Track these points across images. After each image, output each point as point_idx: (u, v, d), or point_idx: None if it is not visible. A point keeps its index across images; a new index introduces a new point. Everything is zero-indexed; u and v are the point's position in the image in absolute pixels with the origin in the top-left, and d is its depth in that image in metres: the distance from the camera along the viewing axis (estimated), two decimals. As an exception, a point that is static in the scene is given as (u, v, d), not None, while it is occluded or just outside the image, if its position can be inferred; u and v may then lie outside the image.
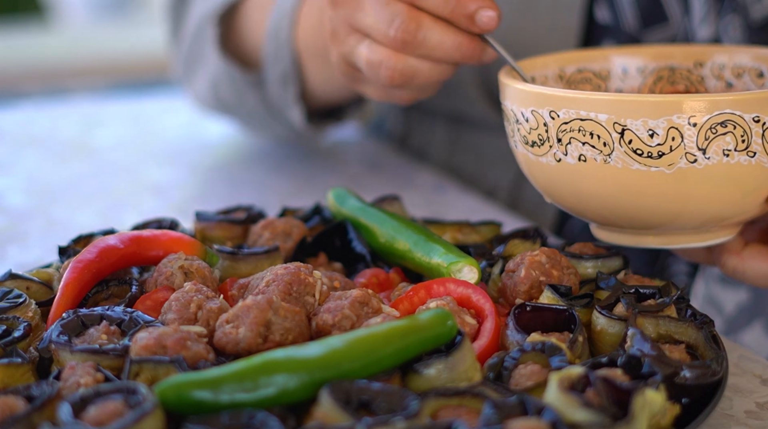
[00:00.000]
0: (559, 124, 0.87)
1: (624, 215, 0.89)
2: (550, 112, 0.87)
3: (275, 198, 1.30)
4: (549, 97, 0.87)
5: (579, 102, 0.85)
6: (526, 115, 0.89)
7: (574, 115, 0.85)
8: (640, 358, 0.76)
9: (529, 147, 0.90)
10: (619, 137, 0.84)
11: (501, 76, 0.93)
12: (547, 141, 0.88)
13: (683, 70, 1.03)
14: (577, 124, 0.86)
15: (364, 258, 0.96)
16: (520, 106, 0.90)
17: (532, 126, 0.89)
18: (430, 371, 0.76)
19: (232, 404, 0.70)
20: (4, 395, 0.72)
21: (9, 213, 1.31)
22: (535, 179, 0.93)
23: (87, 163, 1.51)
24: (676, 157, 0.84)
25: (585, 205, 0.90)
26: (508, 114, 0.92)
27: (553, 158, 0.88)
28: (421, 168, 1.43)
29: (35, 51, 3.68)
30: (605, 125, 0.84)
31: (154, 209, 1.30)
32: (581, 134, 0.86)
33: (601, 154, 0.85)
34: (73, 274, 0.87)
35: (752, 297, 1.20)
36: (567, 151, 0.87)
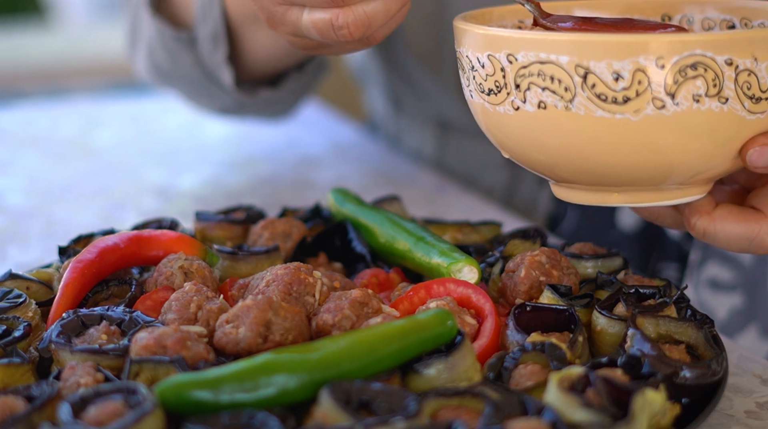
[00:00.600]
0: (517, 68, 0.80)
1: (586, 169, 0.83)
2: (507, 56, 0.80)
3: (275, 198, 1.30)
4: (506, 39, 0.81)
5: (538, 43, 0.79)
6: (482, 60, 0.83)
7: (533, 57, 0.79)
8: (640, 358, 0.76)
9: (485, 95, 0.84)
10: (581, 81, 0.78)
11: (455, 21, 0.87)
12: (504, 88, 0.82)
13: None
14: (537, 67, 0.79)
15: (364, 258, 0.96)
16: (475, 50, 0.83)
17: (488, 72, 0.82)
18: (430, 371, 0.76)
19: (232, 404, 0.70)
20: (4, 395, 0.72)
21: (9, 213, 1.31)
22: (492, 131, 0.87)
23: (87, 163, 1.51)
24: (643, 102, 0.78)
25: (544, 158, 0.84)
26: (462, 61, 0.86)
27: (511, 106, 0.82)
28: (421, 168, 1.43)
29: (35, 51, 3.68)
30: (566, 68, 0.78)
31: (154, 209, 1.30)
32: (540, 79, 0.79)
33: (562, 100, 0.79)
34: (73, 274, 0.87)
35: (745, 301, 1.20)
36: (525, 98, 0.81)
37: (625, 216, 1.25)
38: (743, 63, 0.78)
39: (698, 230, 0.87)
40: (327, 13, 0.90)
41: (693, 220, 0.87)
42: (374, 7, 0.90)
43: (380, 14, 0.90)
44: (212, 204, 1.17)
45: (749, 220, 0.86)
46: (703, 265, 1.20)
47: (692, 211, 0.87)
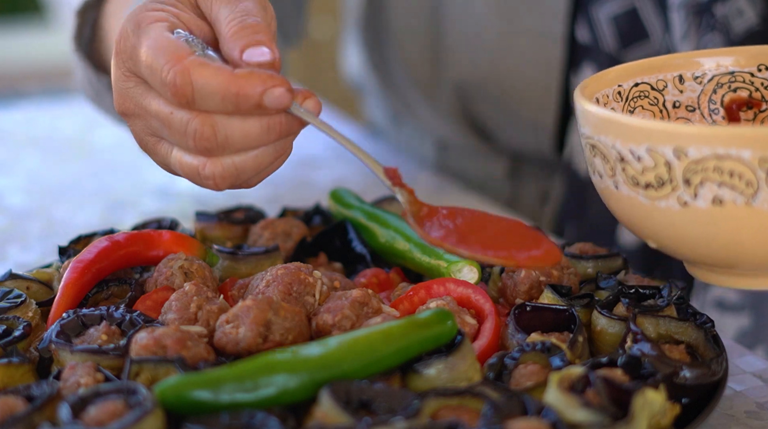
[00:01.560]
0: (687, 163, 0.75)
1: (759, 259, 0.79)
2: (674, 151, 0.75)
3: (275, 198, 1.30)
4: (673, 134, 0.75)
5: (713, 138, 0.73)
6: (638, 152, 0.76)
7: (709, 152, 0.74)
8: (640, 358, 0.76)
9: (640, 189, 0.78)
10: (766, 176, 0.73)
11: (580, 100, 0.81)
12: (669, 183, 0.76)
13: (745, 74, 0.92)
14: (713, 163, 0.74)
15: (364, 258, 0.96)
16: (627, 142, 0.77)
17: (647, 166, 0.76)
18: (430, 371, 0.76)
19: (232, 404, 0.70)
20: (4, 395, 0.72)
21: (9, 213, 1.31)
22: (642, 224, 0.81)
23: (87, 163, 1.51)
24: None
25: (713, 251, 0.79)
26: (605, 151, 0.80)
27: (677, 202, 0.76)
28: (421, 168, 1.43)
29: (35, 51, 3.68)
30: (749, 163, 0.73)
31: (154, 209, 1.30)
32: (717, 174, 0.74)
33: (743, 195, 0.74)
34: (73, 274, 0.87)
35: (753, 322, 1.20)
36: (697, 194, 0.75)
37: (626, 234, 1.25)
38: None
39: None
40: (195, 159, 0.84)
41: None
42: (244, 160, 0.84)
43: (250, 167, 0.84)
44: (212, 204, 1.17)
45: None
46: (710, 286, 1.19)
47: None
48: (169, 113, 0.82)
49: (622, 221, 0.84)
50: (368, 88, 1.58)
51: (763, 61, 0.92)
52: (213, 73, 0.80)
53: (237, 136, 0.82)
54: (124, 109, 0.86)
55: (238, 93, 0.79)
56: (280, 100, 0.80)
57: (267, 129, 0.82)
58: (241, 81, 0.79)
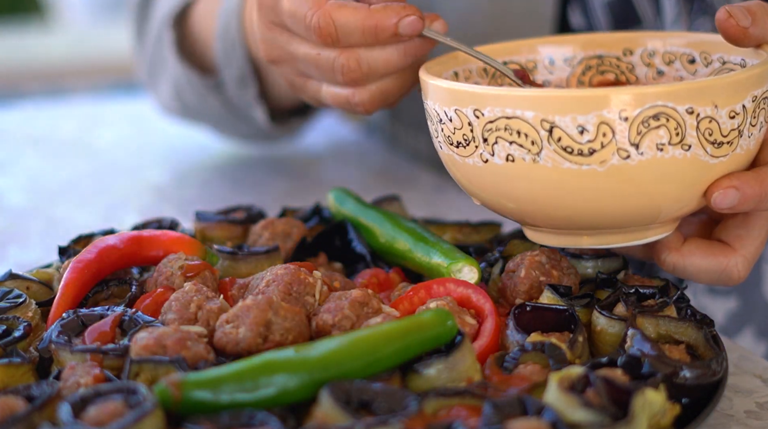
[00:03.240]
0: (484, 123, 0.82)
1: (556, 216, 0.85)
2: (474, 111, 0.82)
3: (275, 198, 1.30)
4: (472, 95, 0.82)
5: (504, 99, 0.80)
6: (450, 114, 0.84)
7: (500, 113, 0.81)
8: (640, 358, 0.76)
9: (454, 148, 0.85)
10: (547, 135, 0.80)
11: (421, 73, 0.89)
12: (472, 141, 0.83)
13: (612, 58, 0.99)
14: (503, 122, 0.81)
15: (364, 258, 0.96)
16: (442, 104, 0.85)
17: (456, 126, 0.84)
18: (430, 371, 0.76)
19: (232, 404, 0.70)
20: (4, 395, 0.72)
21: (9, 213, 1.31)
22: (462, 181, 0.88)
23: (87, 163, 1.51)
24: (608, 153, 0.79)
25: (515, 207, 0.86)
26: (430, 113, 0.88)
27: (480, 159, 0.83)
28: (421, 168, 1.43)
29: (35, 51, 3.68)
30: (532, 123, 0.80)
31: (154, 209, 1.30)
32: (508, 133, 0.81)
33: (530, 153, 0.81)
34: (73, 274, 0.87)
35: (741, 304, 1.20)
36: (494, 152, 0.82)
37: None
38: (704, 111, 0.80)
39: (668, 265, 0.90)
40: (344, 91, 0.94)
41: (662, 256, 0.89)
42: (387, 84, 0.94)
43: (393, 89, 0.95)
44: (212, 204, 1.17)
45: (717, 254, 0.88)
46: None
47: (661, 247, 0.89)
48: (316, 55, 0.93)
49: (454, 180, 0.90)
50: None
51: (628, 46, 0.98)
52: (352, 12, 0.90)
53: (379, 64, 0.92)
54: (273, 57, 0.98)
55: (377, 26, 0.90)
56: (413, 26, 0.90)
57: (404, 53, 0.93)
58: (377, 15, 0.90)
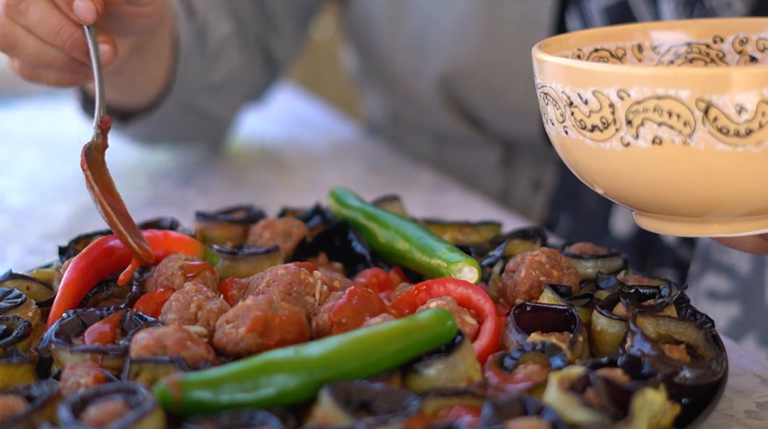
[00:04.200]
0: (629, 104, 0.78)
1: (699, 202, 0.82)
2: (618, 92, 0.79)
3: (275, 198, 1.30)
4: (617, 75, 0.79)
5: (655, 79, 0.77)
6: (585, 96, 0.80)
7: (650, 93, 0.77)
8: (640, 358, 0.76)
9: (586, 132, 0.81)
10: (702, 115, 0.76)
11: (537, 53, 0.85)
12: (612, 124, 0.80)
13: (701, 46, 0.96)
14: (653, 103, 0.77)
15: (364, 258, 0.96)
16: (575, 86, 0.81)
17: (593, 108, 0.80)
18: (430, 371, 0.76)
19: (232, 404, 0.70)
20: (4, 395, 0.72)
21: (9, 213, 1.31)
22: (588, 168, 0.85)
23: (87, 163, 1.51)
24: (766, 134, 0.76)
25: (654, 193, 0.82)
26: (555, 97, 0.84)
27: (620, 143, 0.80)
28: (421, 168, 1.43)
29: (35, 51, 3.67)
30: (687, 103, 0.76)
31: (154, 209, 1.30)
32: (657, 114, 0.77)
33: (681, 134, 0.77)
34: (73, 274, 0.87)
35: (743, 310, 1.20)
36: (638, 134, 0.79)
37: (619, 223, 1.25)
38: None
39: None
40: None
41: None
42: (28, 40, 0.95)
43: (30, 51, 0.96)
44: (212, 204, 1.17)
45: None
46: (702, 276, 1.20)
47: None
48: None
49: (572, 169, 0.87)
50: (366, 85, 1.59)
51: (719, 33, 0.95)
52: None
53: (35, 15, 0.94)
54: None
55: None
56: (85, 11, 0.93)
57: (58, 30, 0.94)
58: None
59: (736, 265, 1.19)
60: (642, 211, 0.87)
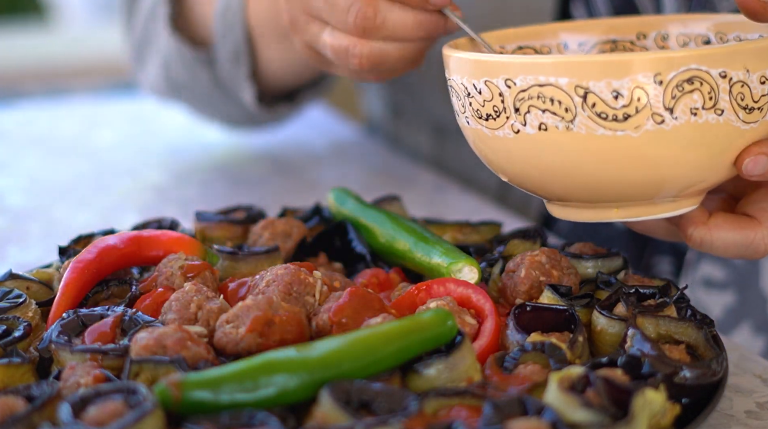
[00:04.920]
0: (516, 92, 0.81)
1: (587, 186, 0.84)
2: (506, 81, 0.82)
3: (275, 198, 1.30)
4: (503, 65, 0.82)
5: (536, 67, 0.80)
6: (479, 86, 0.84)
7: (532, 81, 0.80)
8: (640, 358, 0.76)
9: (482, 121, 0.85)
10: (581, 101, 0.79)
11: (445, 50, 0.88)
12: (503, 112, 0.83)
13: (625, 43, 0.99)
14: (536, 90, 0.80)
15: (364, 258, 0.96)
16: (471, 77, 0.84)
17: (486, 98, 0.83)
18: (430, 371, 0.76)
19: (232, 404, 0.70)
20: (4, 395, 0.72)
21: (9, 213, 1.32)
22: (490, 156, 0.88)
23: (87, 163, 1.51)
24: (643, 118, 0.79)
25: (544, 178, 0.85)
26: (456, 88, 0.87)
27: (511, 130, 0.83)
28: (421, 168, 1.43)
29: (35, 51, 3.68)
30: (566, 89, 0.80)
31: (154, 209, 1.30)
32: (541, 101, 0.81)
33: (563, 120, 0.80)
34: (73, 274, 0.87)
35: (738, 299, 1.20)
36: (526, 121, 0.82)
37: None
38: (736, 75, 0.80)
39: (695, 240, 0.89)
40: (346, 39, 0.94)
41: (689, 230, 0.89)
42: (390, 48, 0.94)
43: (394, 56, 0.95)
44: (212, 204, 1.17)
45: (744, 227, 0.88)
46: (698, 264, 1.20)
47: (688, 221, 0.89)
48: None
49: (480, 157, 0.90)
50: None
51: (642, 30, 0.98)
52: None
53: (392, 22, 0.93)
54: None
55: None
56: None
57: (419, 24, 0.93)
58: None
59: None
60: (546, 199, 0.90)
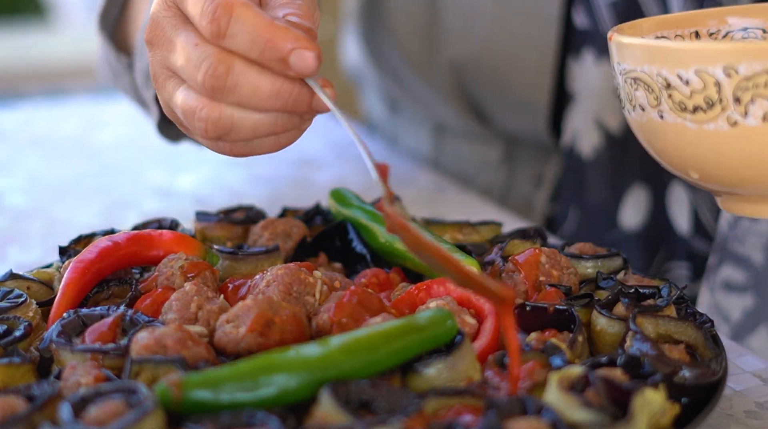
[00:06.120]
0: (737, 80, 0.75)
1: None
2: (725, 69, 0.76)
3: (275, 198, 1.30)
4: (722, 52, 0.76)
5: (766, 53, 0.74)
6: (686, 76, 0.77)
7: (759, 68, 0.74)
8: (640, 358, 0.76)
9: (687, 114, 0.79)
10: None
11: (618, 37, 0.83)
12: (718, 103, 0.77)
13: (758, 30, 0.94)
14: (764, 78, 0.74)
15: (364, 258, 0.96)
16: (674, 67, 0.78)
17: (695, 88, 0.77)
18: (430, 371, 0.76)
19: (232, 404, 0.70)
20: (5, 395, 0.72)
21: (9, 213, 1.32)
22: (688, 152, 0.81)
23: (87, 163, 1.51)
24: None
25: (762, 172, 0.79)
26: (648, 81, 0.81)
27: (726, 122, 0.77)
28: (421, 168, 1.43)
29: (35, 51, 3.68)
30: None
31: (154, 209, 1.30)
32: None
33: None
34: (73, 274, 0.87)
35: (757, 302, 1.20)
36: (747, 112, 0.76)
37: (627, 215, 1.25)
38: None
39: None
40: (196, 100, 0.84)
41: None
42: (242, 117, 0.83)
43: (246, 126, 0.84)
44: (212, 204, 1.17)
45: None
46: (719, 268, 1.20)
47: None
48: (194, 45, 0.82)
49: (662, 155, 0.84)
50: (366, 77, 1.59)
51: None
52: (254, 14, 0.80)
53: (246, 87, 0.82)
54: (152, 37, 0.86)
55: (270, 40, 0.80)
56: (306, 62, 0.80)
57: (276, 93, 0.82)
58: (277, 31, 0.80)
59: (751, 257, 1.19)
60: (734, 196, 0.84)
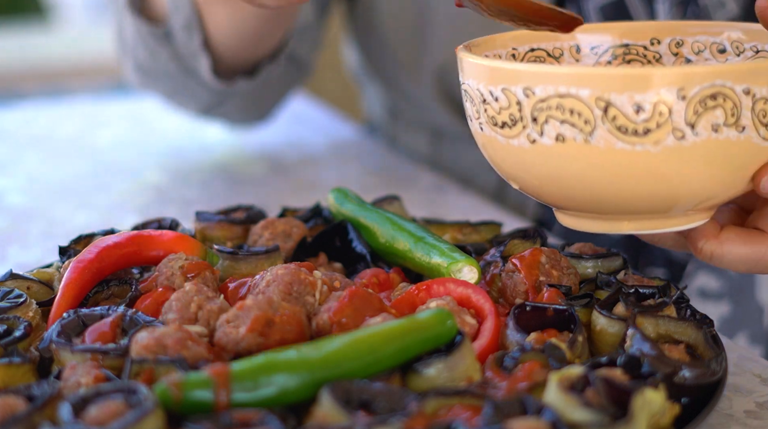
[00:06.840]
0: (534, 102, 0.80)
1: (601, 199, 0.83)
2: (524, 90, 0.80)
3: (275, 198, 1.30)
4: (523, 74, 0.80)
5: (557, 77, 0.79)
6: (496, 93, 0.82)
7: (553, 91, 0.79)
8: (640, 358, 0.76)
9: (498, 129, 0.83)
10: (602, 114, 0.78)
11: (461, 53, 0.86)
12: (520, 121, 0.81)
13: (639, 47, 0.97)
14: (556, 101, 0.79)
15: (364, 258, 0.96)
16: (487, 84, 0.82)
17: (503, 105, 0.82)
18: (430, 371, 0.76)
19: (232, 404, 0.70)
20: (5, 395, 0.72)
21: (9, 213, 1.32)
22: (502, 164, 0.86)
23: (87, 163, 1.51)
24: (664, 133, 0.78)
25: (558, 189, 0.84)
26: (471, 94, 0.85)
27: (527, 140, 0.81)
28: (421, 168, 1.43)
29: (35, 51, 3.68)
30: (587, 101, 0.78)
31: (154, 209, 1.30)
32: (560, 112, 0.79)
33: (582, 133, 0.79)
34: (73, 274, 0.87)
35: (733, 309, 1.20)
36: (543, 131, 0.80)
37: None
38: (760, 91, 0.79)
39: (705, 253, 0.88)
40: None
41: (700, 244, 0.87)
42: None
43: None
44: (212, 204, 1.17)
45: (755, 242, 0.86)
46: (695, 275, 1.20)
47: (698, 235, 0.87)
48: None
49: (491, 163, 0.88)
50: (365, 80, 1.59)
51: (656, 36, 0.96)
52: None
53: None
54: None
55: None
56: None
57: None
58: None
59: None
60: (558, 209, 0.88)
